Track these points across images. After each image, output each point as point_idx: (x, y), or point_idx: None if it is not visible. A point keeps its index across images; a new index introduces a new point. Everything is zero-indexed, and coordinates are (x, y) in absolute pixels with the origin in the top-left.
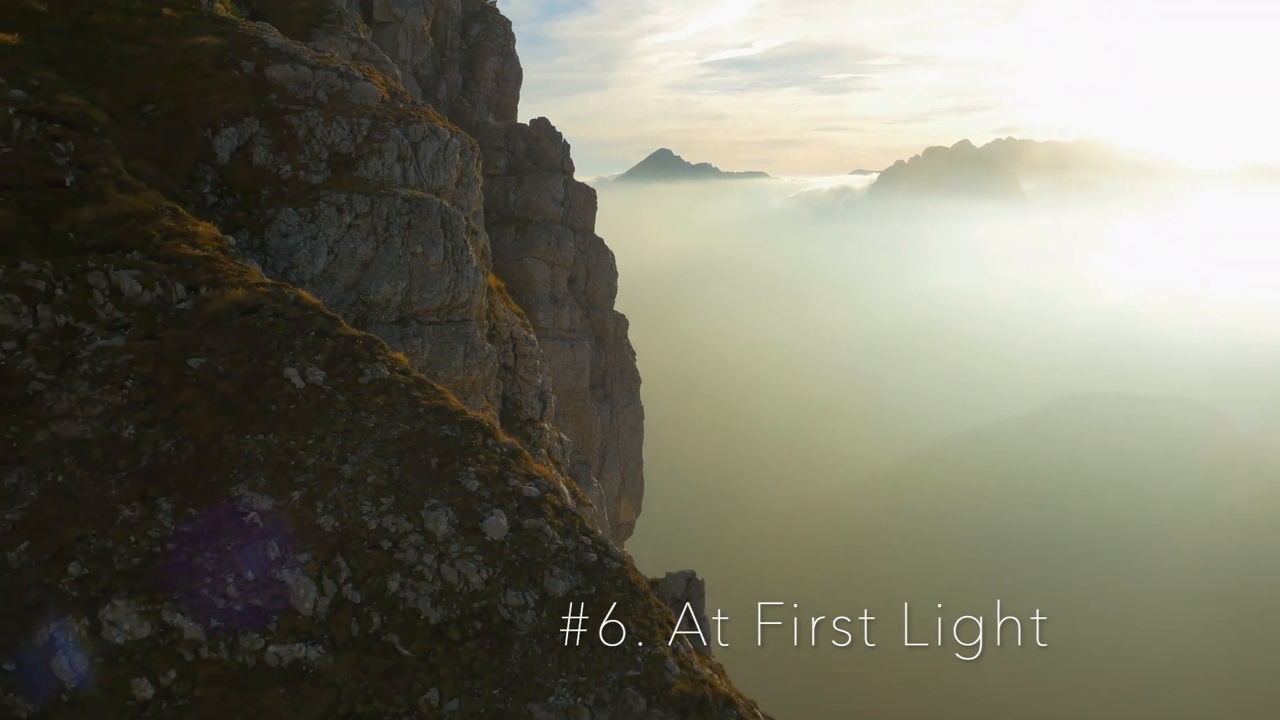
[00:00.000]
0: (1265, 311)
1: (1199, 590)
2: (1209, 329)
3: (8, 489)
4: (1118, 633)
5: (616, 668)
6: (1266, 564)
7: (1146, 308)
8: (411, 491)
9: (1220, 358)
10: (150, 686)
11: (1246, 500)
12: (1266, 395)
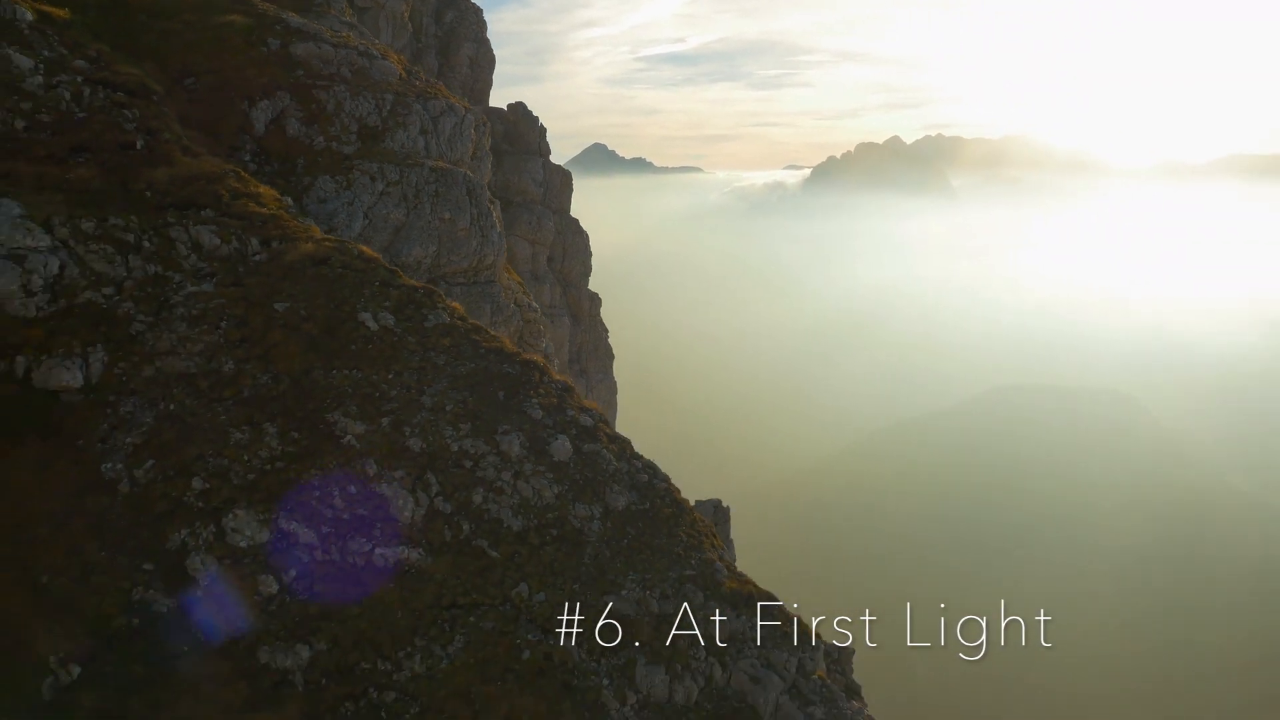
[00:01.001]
0: (1184, 305)
1: (1123, 578)
2: (1131, 322)
3: (125, 416)
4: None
5: (675, 568)
6: (1187, 552)
7: (1071, 301)
8: (485, 419)
9: (1142, 350)
10: (275, 583)
11: (1168, 489)
12: (1185, 386)
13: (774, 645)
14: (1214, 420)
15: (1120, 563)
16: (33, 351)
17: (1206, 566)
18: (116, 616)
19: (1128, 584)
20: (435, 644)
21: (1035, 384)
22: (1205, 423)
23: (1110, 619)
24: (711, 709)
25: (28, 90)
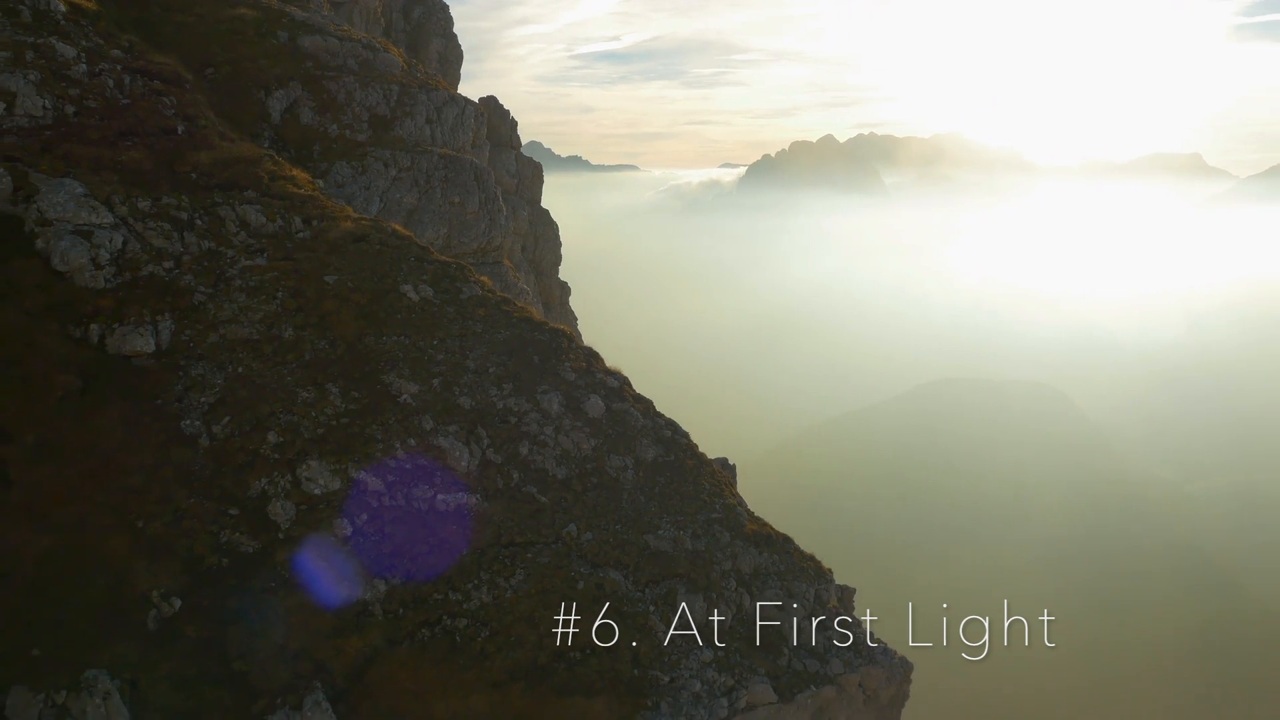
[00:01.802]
0: (1109, 300)
1: (1047, 570)
2: (1059, 317)
3: (196, 379)
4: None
5: (703, 512)
6: (1111, 545)
7: (1001, 297)
8: (525, 380)
9: (1070, 345)
10: (349, 525)
11: (1096, 480)
12: (1111, 380)
13: (794, 578)
14: (1139, 413)
15: (1050, 554)
16: (105, 320)
17: (1135, 556)
18: (208, 556)
19: (1058, 576)
20: (499, 577)
21: (967, 378)
22: (1131, 415)
23: (1040, 611)
24: (743, 631)
25: (74, 78)
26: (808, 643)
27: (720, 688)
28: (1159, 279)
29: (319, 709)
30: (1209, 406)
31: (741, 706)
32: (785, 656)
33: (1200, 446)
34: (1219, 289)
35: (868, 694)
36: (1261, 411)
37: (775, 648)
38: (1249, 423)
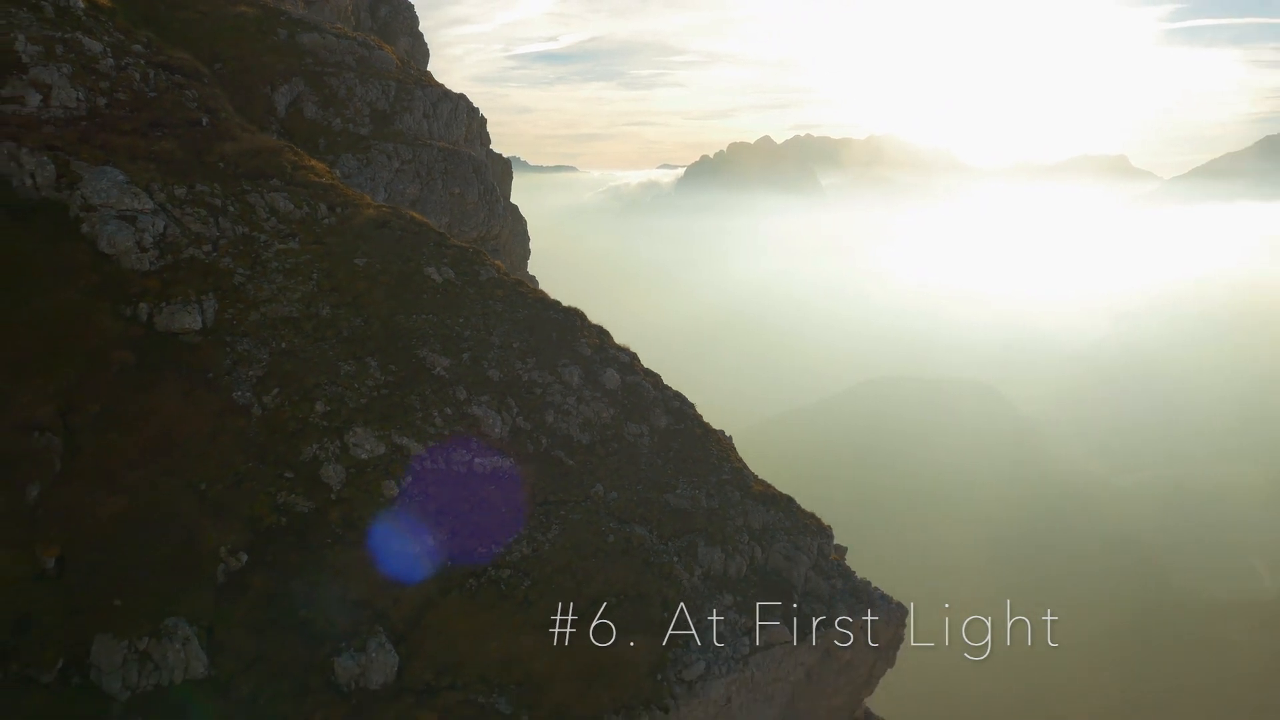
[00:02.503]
0: (1040, 298)
1: (986, 563)
2: (991, 315)
3: (243, 353)
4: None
5: (714, 474)
6: (1046, 538)
7: (936, 296)
8: (546, 354)
9: (1001, 342)
10: (395, 486)
11: (1028, 475)
12: (1042, 376)
13: (798, 533)
14: (1070, 408)
15: (988, 548)
16: (152, 299)
17: (1068, 548)
18: (267, 516)
19: (996, 569)
20: (536, 532)
21: (904, 377)
22: (1062, 411)
23: (975, 607)
24: (757, 580)
25: (103, 71)
26: (814, 590)
27: (741, 628)
28: (1088, 278)
29: (383, 650)
30: (1136, 402)
31: (761, 644)
32: (795, 602)
33: (1128, 441)
34: (1145, 287)
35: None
36: (1186, 407)
37: (786, 594)
38: (1174, 417)
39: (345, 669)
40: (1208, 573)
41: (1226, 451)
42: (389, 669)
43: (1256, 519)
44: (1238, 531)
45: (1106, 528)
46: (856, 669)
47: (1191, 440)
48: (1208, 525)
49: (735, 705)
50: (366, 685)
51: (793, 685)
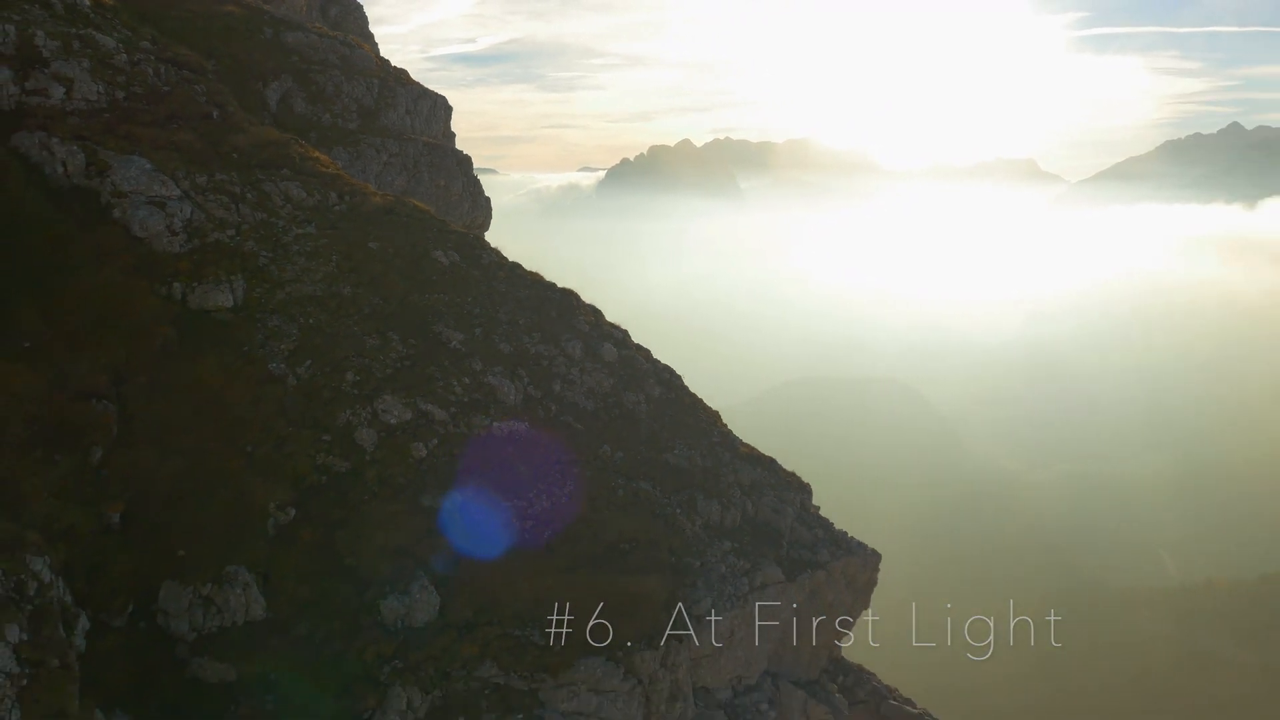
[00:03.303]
0: (955, 299)
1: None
2: (907, 315)
3: (273, 329)
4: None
5: (705, 437)
6: (963, 536)
7: (854, 297)
8: (549, 330)
9: (919, 342)
10: (424, 448)
11: (945, 472)
12: (959, 376)
13: (783, 489)
14: (985, 407)
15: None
16: (185, 279)
17: (985, 542)
18: (309, 475)
19: (915, 565)
20: (553, 486)
21: (825, 377)
22: (978, 410)
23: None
24: (749, 529)
25: (118, 66)
26: (799, 538)
27: (739, 570)
28: (1000, 278)
29: (425, 591)
30: (1048, 399)
31: (758, 584)
32: (784, 548)
33: (1041, 437)
34: (1055, 288)
35: (848, 578)
36: (1095, 403)
37: (775, 542)
38: (1085, 414)
39: (391, 609)
40: (1117, 563)
41: (1134, 446)
42: (431, 608)
43: (1163, 511)
44: (1145, 523)
45: (1022, 521)
46: (837, 609)
47: (1101, 436)
48: (1117, 518)
49: (737, 638)
50: (412, 623)
51: (784, 622)
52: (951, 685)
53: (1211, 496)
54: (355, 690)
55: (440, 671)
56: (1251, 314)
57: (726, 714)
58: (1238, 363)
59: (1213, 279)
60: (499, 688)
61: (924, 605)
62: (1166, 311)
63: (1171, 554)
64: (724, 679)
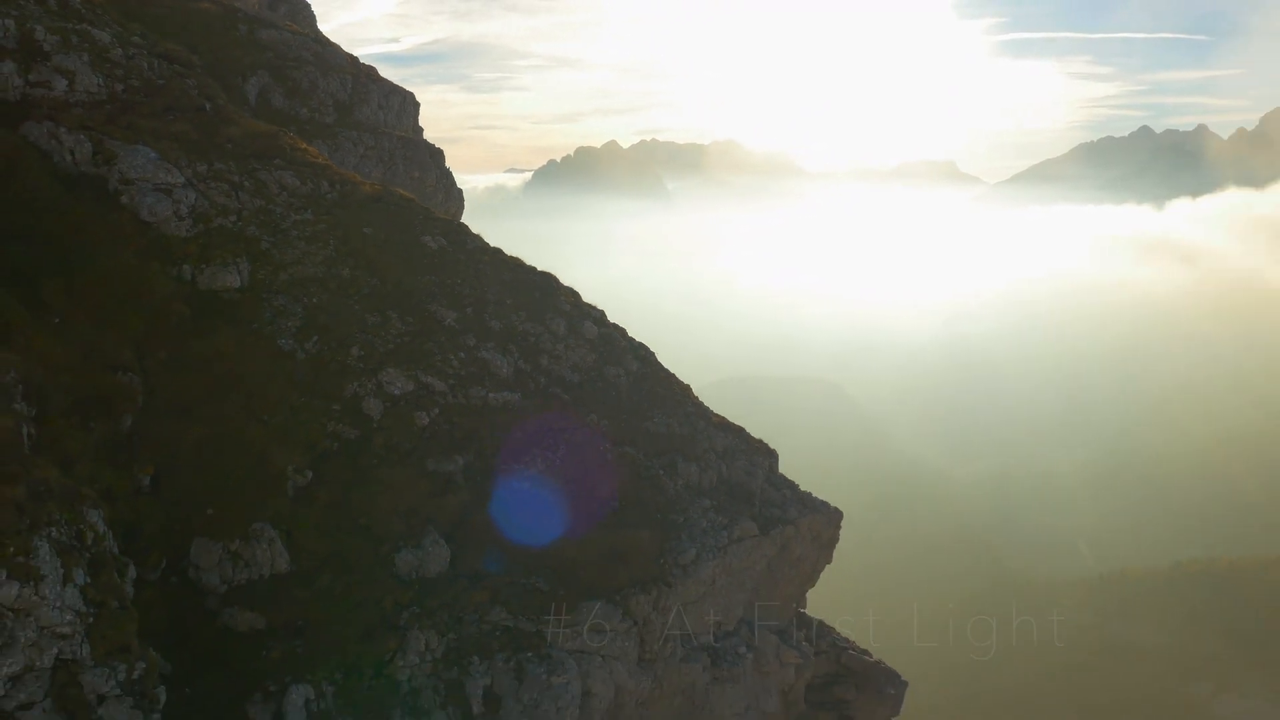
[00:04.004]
0: (878, 299)
1: (835, 559)
2: (833, 315)
3: (279, 308)
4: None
5: (680, 408)
6: (890, 531)
7: (779, 297)
8: (534, 309)
9: (844, 341)
10: (426, 417)
11: (872, 470)
12: (883, 375)
13: (753, 454)
14: (909, 404)
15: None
16: (194, 262)
17: (913, 538)
18: (322, 441)
19: (845, 562)
20: (547, 451)
21: (752, 376)
22: (902, 407)
23: (829, 601)
24: (725, 489)
25: (115, 60)
26: (769, 498)
27: (718, 525)
28: (922, 278)
29: (437, 544)
30: (970, 396)
31: (735, 537)
32: (756, 506)
33: (964, 433)
34: (975, 287)
35: (814, 533)
36: (1014, 400)
37: (749, 500)
38: (1005, 410)
39: (405, 561)
40: (1037, 554)
41: (1052, 440)
42: (443, 560)
43: (1080, 503)
44: (1064, 515)
45: (947, 516)
46: (804, 563)
47: (1021, 431)
48: (1037, 510)
49: (718, 586)
50: (425, 574)
51: (758, 574)
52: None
53: (1126, 489)
54: (377, 634)
55: (454, 617)
56: (1162, 312)
57: (709, 655)
58: (1150, 360)
59: (1126, 278)
60: (508, 630)
61: (850, 601)
62: (1082, 310)
63: (1089, 545)
64: (707, 624)
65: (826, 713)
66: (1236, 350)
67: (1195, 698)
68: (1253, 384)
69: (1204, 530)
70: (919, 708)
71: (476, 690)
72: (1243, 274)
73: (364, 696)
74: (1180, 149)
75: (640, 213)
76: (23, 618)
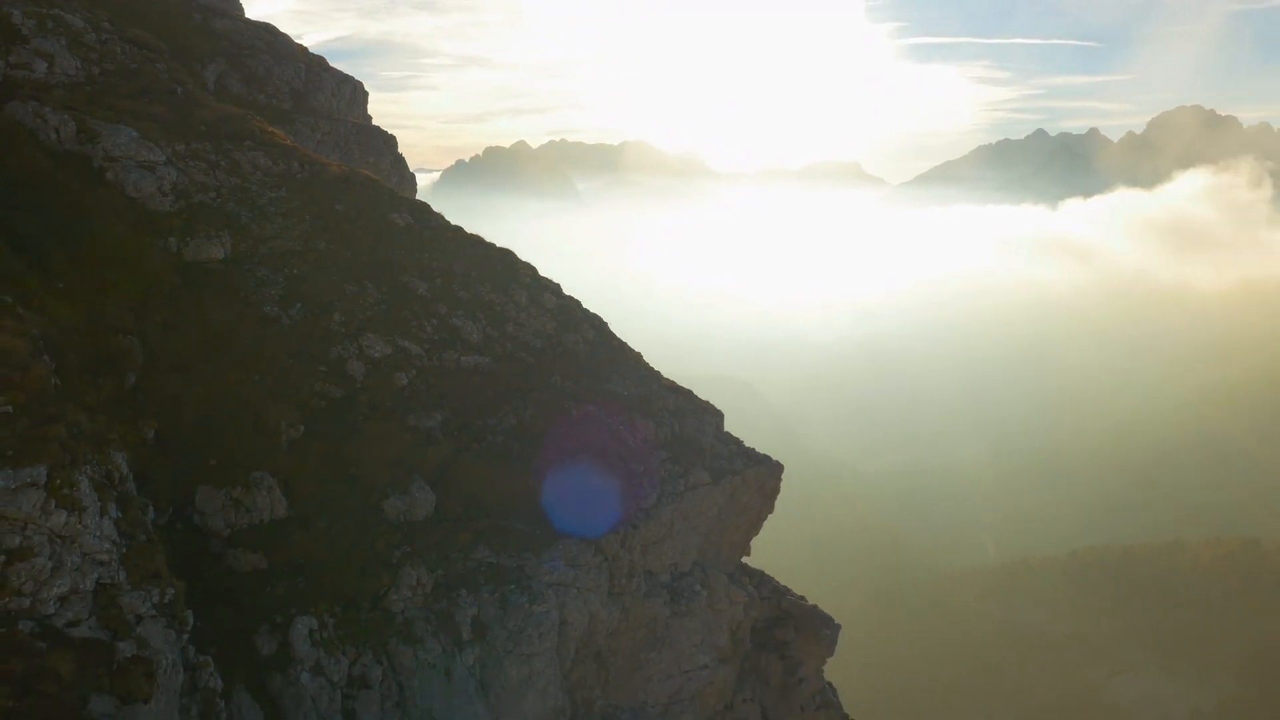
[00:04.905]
0: (787, 298)
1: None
2: (743, 314)
3: (262, 278)
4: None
5: (635, 372)
6: (802, 526)
7: (690, 297)
8: (497, 281)
9: (755, 340)
10: (404, 378)
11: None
12: (793, 373)
13: (701, 413)
14: (819, 401)
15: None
16: (179, 234)
17: (825, 533)
18: (311, 399)
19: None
20: (518, 408)
21: (666, 375)
22: (812, 404)
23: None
24: (679, 444)
25: (89, 44)
26: (718, 452)
27: (675, 474)
28: (830, 278)
29: (423, 491)
30: (876, 393)
31: (690, 485)
32: (707, 459)
33: (870, 430)
34: (881, 286)
35: (759, 484)
36: (922, 396)
37: (700, 454)
38: (912, 406)
39: (394, 507)
40: (943, 545)
41: (957, 436)
42: (429, 505)
43: (984, 496)
44: (968, 507)
45: (856, 510)
46: (750, 511)
47: (927, 426)
48: (943, 503)
49: (675, 529)
50: (413, 518)
51: (710, 520)
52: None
53: (1026, 481)
54: (372, 572)
55: (441, 555)
56: (1059, 308)
57: (669, 592)
58: (1048, 355)
59: (1024, 276)
60: (492, 566)
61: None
62: (984, 307)
63: (991, 535)
64: (665, 564)
65: (769, 653)
66: (1128, 344)
67: (1092, 680)
68: (1144, 377)
69: (1100, 519)
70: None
71: (465, 619)
72: (1133, 271)
73: (362, 627)
74: (1074, 151)
75: (550, 213)
76: (68, 544)
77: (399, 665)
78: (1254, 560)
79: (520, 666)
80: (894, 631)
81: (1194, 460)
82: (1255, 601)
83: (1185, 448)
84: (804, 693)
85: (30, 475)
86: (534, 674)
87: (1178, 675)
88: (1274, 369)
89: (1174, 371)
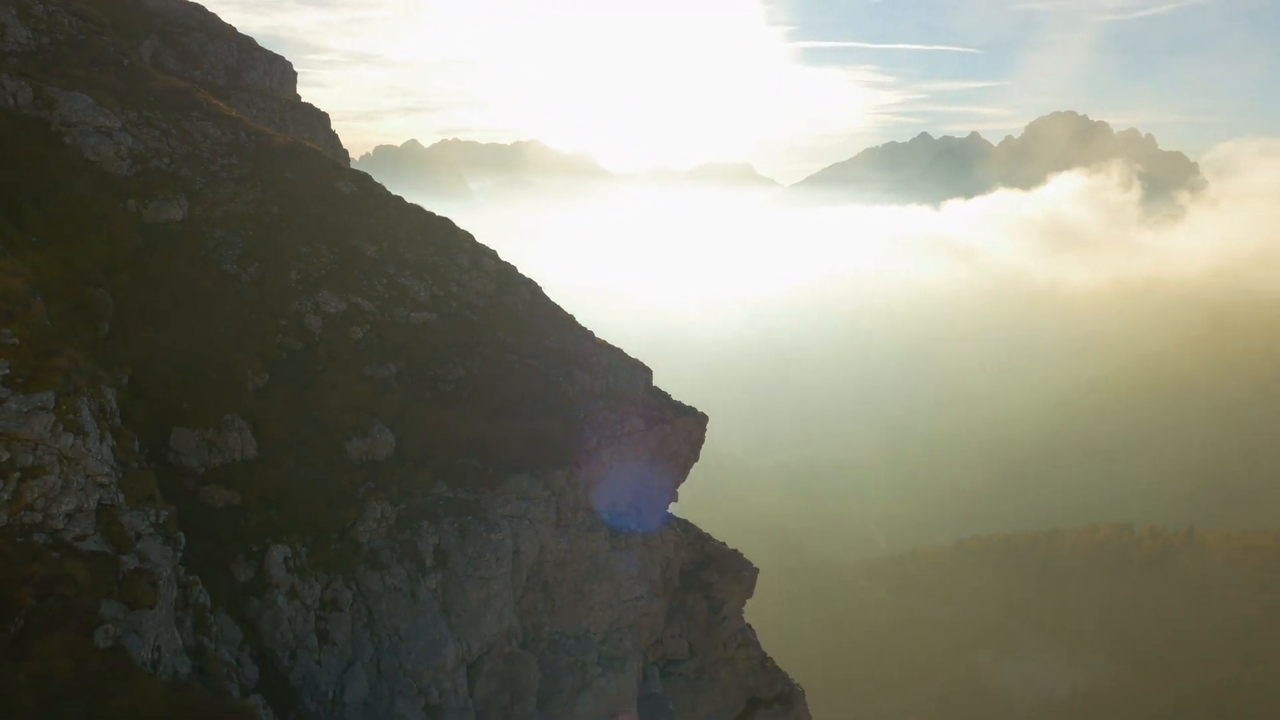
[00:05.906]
0: (680, 297)
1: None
2: (636, 314)
3: (219, 239)
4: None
5: (570, 331)
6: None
7: (583, 297)
8: (440, 245)
9: (647, 339)
10: (359, 331)
11: None
12: (686, 373)
13: (631, 370)
14: (711, 399)
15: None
16: (138, 197)
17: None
18: (273, 351)
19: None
20: (467, 360)
21: None
22: (704, 402)
23: None
24: (613, 395)
25: (39, 15)
26: (648, 403)
27: (612, 420)
28: (722, 277)
29: (384, 432)
30: (770, 390)
31: (626, 430)
32: (640, 408)
33: (763, 427)
34: (772, 285)
35: (686, 432)
36: (814, 392)
37: (634, 404)
38: (804, 403)
39: (356, 448)
40: (835, 539)
41: (847, 433)
42: (389, 446)
43: (872, 490)
44: (858, 501)
45: (749, 506)
46: (679, 458)
47: (819, 423)
48: (834, 497)
49: (613, 470)
50: (375, 458)
51: (643, 464)
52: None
53: (914, 474)
54: (339, 505)
55: (403, 490)
56: (942, 306)
57: (608, 527)
58: (932, 351)
59: (910, 274)
60: (450, 500)
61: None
62: (872, 305)
63: (881, 528)
64: (604, 503)
65: (695, 593)
66: (1007, 341)
67: (979, 664)
68: (1023, 372)
69: (984, 509)
70: None
71: (428, 547)
72: (1011, 270)
73: (332, 555)
74: (956, 154)
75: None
76: (74, 465)
77: (367, 590)
78: (1126, 545)
79: (479, 589)
80: (790, 624)
81: (1070, 452)
82: (1127, 584)
83: (1062, 440)
84: (726, 630)
85: (40, 400)
86: (491, 596)
87: (1058, 655)
88: (1144, 363)
89: (1051, 366)
